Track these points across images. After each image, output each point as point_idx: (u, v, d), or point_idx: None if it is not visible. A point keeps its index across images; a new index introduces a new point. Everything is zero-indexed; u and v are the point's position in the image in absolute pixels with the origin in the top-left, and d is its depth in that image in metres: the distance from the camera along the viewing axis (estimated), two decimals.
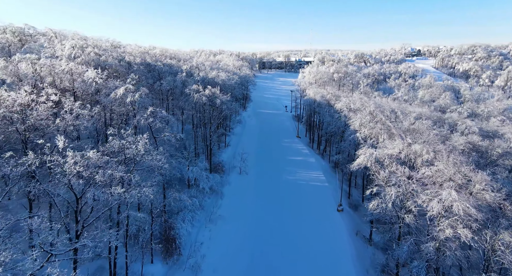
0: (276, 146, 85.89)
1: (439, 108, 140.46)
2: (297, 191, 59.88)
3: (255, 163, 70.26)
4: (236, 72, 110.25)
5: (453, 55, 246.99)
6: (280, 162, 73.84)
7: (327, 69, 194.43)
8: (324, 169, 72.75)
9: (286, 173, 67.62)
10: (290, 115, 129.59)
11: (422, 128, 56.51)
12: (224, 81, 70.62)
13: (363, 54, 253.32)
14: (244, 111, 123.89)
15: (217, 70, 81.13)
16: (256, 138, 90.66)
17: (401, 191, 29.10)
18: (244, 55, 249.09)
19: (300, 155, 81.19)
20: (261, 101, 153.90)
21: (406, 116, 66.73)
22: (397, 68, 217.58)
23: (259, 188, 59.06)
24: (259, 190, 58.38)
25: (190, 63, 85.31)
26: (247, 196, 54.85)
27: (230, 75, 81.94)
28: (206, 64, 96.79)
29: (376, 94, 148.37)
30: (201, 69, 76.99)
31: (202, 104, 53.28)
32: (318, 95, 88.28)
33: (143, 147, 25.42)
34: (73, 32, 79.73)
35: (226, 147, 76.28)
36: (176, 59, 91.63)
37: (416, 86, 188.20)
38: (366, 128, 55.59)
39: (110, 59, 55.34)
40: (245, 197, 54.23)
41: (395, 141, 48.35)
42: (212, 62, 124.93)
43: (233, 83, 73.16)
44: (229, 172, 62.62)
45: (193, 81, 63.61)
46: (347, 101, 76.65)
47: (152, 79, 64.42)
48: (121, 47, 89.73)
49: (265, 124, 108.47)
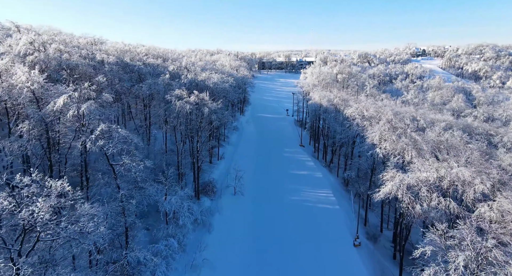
0: (277, 157, 75.60)
1: (452, 112, 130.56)
2: (303, 217, 49.63)
3: (252, 179, 60.00)
4: (232, 73, 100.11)
5: (461, 55, 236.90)
6: (281, 177, 63.60)
7: (330, 70, 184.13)
8: (333, 186, 62.48)
9: (289, 193, 57.39)
10: (292, 120, 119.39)
11: (456, 142, 46.27)
12: (216, 84, 60.51)
13: (367, 54, 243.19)
14: (242, 116, 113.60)
15: (210, 71, 70.93)
16: (255, 147, 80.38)
17: (472, 256, 19.00)
18: (242, 55, 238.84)
19: (304, 168, 70.93)
20: (261, 104, 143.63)
21: (433, 125, 56.59)
22: (403, 68, 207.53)
23: (256, 215, 48.77)
24: (257, 217, 48.08)
25: (179, 63, 75.11)
26: (242, 226, 44.52)
27: (224, 77, 71.73)
28: (199, 65, 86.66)
29: (383, 96, 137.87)
30: (190, 70, 66.76)
31: (187, 114, 43.12)
32: (324, 99, 78.08)
33: (47, 208, 14.84)
34: (47, 26, 69.71)
35: (220, 159, 65.98)
36: (163, 58, 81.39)
37: (425, 88, 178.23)
38: (388, 143, 45.33)
39: (76, 58, 45.19)
40: (240, 228, 43.90)
41: (428, 161, 38.12)
42: (207, 62, 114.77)
43: (227, 87, 63.10)
44: (222, 193, 52.34)
45: (178, 85, 53.55)
46: (359, 107, 66.40)
47: (131, 82, 54.37)
48: (103, 45, 79.59)
49: (265, 131, 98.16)
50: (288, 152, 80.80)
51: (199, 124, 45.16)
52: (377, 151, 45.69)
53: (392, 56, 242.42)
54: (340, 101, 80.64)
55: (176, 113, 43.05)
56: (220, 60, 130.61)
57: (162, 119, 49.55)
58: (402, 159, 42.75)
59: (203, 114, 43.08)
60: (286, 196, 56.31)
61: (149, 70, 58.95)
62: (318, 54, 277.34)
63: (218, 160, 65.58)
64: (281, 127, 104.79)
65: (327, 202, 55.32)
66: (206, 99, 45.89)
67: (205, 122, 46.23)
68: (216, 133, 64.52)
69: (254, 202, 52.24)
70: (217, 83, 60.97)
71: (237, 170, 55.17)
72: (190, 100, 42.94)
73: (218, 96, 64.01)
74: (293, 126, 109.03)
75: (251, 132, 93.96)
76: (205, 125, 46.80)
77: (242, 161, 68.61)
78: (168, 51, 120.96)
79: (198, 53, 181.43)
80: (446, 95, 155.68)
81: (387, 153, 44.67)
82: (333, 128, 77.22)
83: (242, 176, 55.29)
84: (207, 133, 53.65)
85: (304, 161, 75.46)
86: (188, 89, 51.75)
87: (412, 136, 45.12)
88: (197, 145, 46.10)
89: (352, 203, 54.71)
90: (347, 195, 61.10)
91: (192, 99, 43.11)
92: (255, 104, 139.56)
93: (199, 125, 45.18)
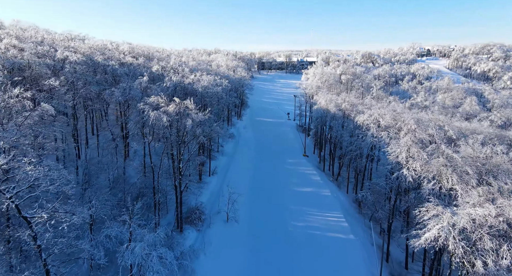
0: (278, 169, 66.31)
1: (466, 116, 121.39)
2: (311, 251, 40.42)
3: (249, 200, 50.75)
4: (227, 75, 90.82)
5: (468, 55, 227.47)
6: (283, 196, 54.39)
7: (333, 70, 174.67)
8: (344, 208, 53.23)
9: (292, 216, 48.19)
10: (294, 124, 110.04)
11: (501, 161, 36.94)
12: (207, 88, 51.06)
13: (371, 54, 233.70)
14: (239, 121, 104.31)
15: (201, 73, 61.64)
16: (253, 158, 71.06)
17: None
18: (241, 55, 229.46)
19: (309, 183, 61.63)
20: (260, 107, 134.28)
21: (465, 137, 47.29)
22: (409, 69, 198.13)
23: (254, 250, 39.48)
24: (254, 253, 38.79)
25: (166, 63, 65.82)
26: (235, 269, 35.21)
27: (218, 80, 62.30)
28: (190, 65, 77.35)
29: (391, 99, 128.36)
30: (177, 72, 57.44)
31: (164, 128, 33.87)
32: (331, 104, 68.80)
33: None
34: (15, 20, 60.53)
35: (212, 175, 56.67)
36: (148, 57, 71.96)
37: (433, 90, 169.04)
38: (418, 162, 36.07)
39: (27, 55, 35.99)
40: (232, 272, 34.61)
41: (477, 190, 28.85)
42: (200, 62, 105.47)
43: (220, 91, 53.72)
44: (212, 221, 43.04)
45: (159, 89, 44.44)
46: (374, 114, 57.16)
47: (105, 85, 45.09)
48: (82, 42, 70.28)
49: (264, 138, 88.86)
50: (290, 163, 71.53)
51: (182, 139, 35.85)
52: (404, 172, 36.39)
53: (397, 56, 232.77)
54: (349, 106, 71.37)
55: (150, 126, 33.82)
56: (216, 60, 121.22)
57: (139, 131, 40.30)
58: (438, 184, 33.47)
59: (185, 127, 33.80)
60: (289, 222, 47.10)
61: (126, 71, 49.69)
62: (319, 54, 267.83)
63: (210, 175, 56.27)
64: (282, 133, 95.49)
65: (339, 229, 46.02)
66: (191, 108, 36.61)
67: (190, 137, 36.96)
68: (207, 145, 55.20)
69: (251, 232, 42.91)
70: (208, 87, 51.61)
71: (231, 191, 45.85)
72: (169, 110, 33.72)
73: (210, 102, 54.71)
74: (295, 132, 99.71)
75: (249, 140, 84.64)
76: (190, 139, 37.51)
77: (238, 176, 59.36)
78: (156, 49, 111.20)
79: (194, 52, 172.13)
80: (457, 97, 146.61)
81: (418, 176, 35.39)
82: (341, 137, 68.03)
83: (237, 198, 46.02)
84: (196, 146, 44.53)
85: (308, 174, 66.16)
86: (172, 95, 42.51)
87: (448, 154, 35.80)
88: (179, 165, 36.78)
89: (372, 232, 45.28)
90: (361, 218, 51.85)
91: (171, 108, 33.86)
92: (254, 107, 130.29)
93: (181, 140, 35.87)
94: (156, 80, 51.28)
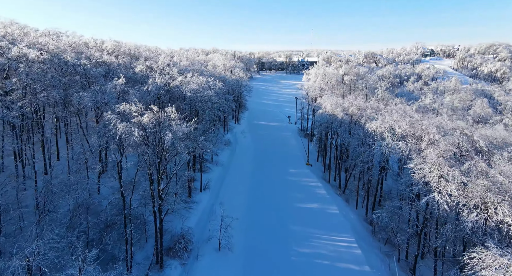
0: (278, 182, 59.35)
1: (477, 119, 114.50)
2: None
3: (246, 222, 43.78)
4: (224, 75, 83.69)
5: (474, 55, 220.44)
6: (285, 215, 47.53)
7: (335, 71, 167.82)
8: (355, 229, 46.26)
9: (296, 241, 41.30)
10: (295, 129, 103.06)
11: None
12: (197, 92, 43.83)
13: (374, 54, 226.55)
14: (237, 125, 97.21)
15: (193, 74, 54.64)
16: (251, 168, 64.04)
17: None
18: (240, 55, 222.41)
19: (314, 198, 54.66)
20: (259, 110, 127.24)
21: (497, 148, 40.51)
22: (414, 69, 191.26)
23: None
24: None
25: (155, 62, 58.80)
26: None
27: (211, 81, 55.02)
28: (182, 65, 70.33)
29: (397, 101, 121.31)
30: (164, 73, 50.41)
31: (137, 144, 26.91)
32: (338, 108, 61.81)
33: None
34: None
35: (203, 190, 49.68)
36: (133, 56, 64.65)
37: (440, 91, 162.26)
38: (453, 184, 29.08)
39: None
40: None
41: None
42: (195, 62, 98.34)
43: (212, 94, 46.41)
44: (200, 251, 36.01)
45: (139, 94, 37.51)
46: (388, 121, 50.24)
47: (73, 89, 38.06)
48: (58, 38, 63.33)
49: (264, 144, 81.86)
50: (292, 174, 64.58)
51: (161, 156, 28.84)
52: (436, 197, 29.39)
53: (400, 56, 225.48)
54: (357, 110, 64.48)
55: (117, 141, 26.80)
56: (212, 60, 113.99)
57: (115, 143, 33.27)
58: (483, 214, 26.52)
59: (163, 142, 26.84)
60: (292, 247, 40.20)
61: (102, 72, 42.58)
62: (320, 54, 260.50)
63: (202, 190, 49.27)
64: (283, 139, 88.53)
65: (351, 258, 39.02)
66: (173, 117, 29.61)
67: (171, 153, 29.94)
68: (199, 156, 48.20)
69: (248, 264, 35.93)
70: (198, 90, 44.42)
71: (225, 214, 38.89)
72: (143, 121, 26.76)
73: (202, 108, 47.65)
74: (297, 137, 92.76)
75: (247, 147, 77.59)
76: (172, 157, 30.48)
77: (233, 191, 52.38)
78: (148, 48, 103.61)
79: (190, 52, 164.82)
80: (466, 99, 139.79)
81: (455, 202, 28.44)
82: (348, 144, 61.19)
83: (232, 222, 39.04)
84: (185, 158, 37.52)
85: (313, 187, 59.20)
86: (154, 100, 35.49)
87: (492, 175, 28.84)
88: (158, 187, 29.79)
89: (395, 265, 38.19)
90: (375, 242, 44.86)
91: (146, 119, 26.89)
92: (253, 109, 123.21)
93: (160, 158, 28.87)
94: (140, 83, 44.35)
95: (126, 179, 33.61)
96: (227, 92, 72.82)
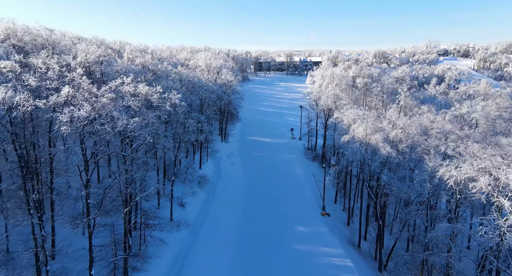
0: (279, 261, 35.36)
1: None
2: None
3: None
4: (200, 80, 59.89)
5: (497, 54, 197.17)
6: None
7: (344, 73, 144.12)
8: None
9: None
10: (301, 147, 79.22)
11: None
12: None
13: (385, 53, 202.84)
14: (224, 144, 73.05)
15: (144, 77, 30.96)
16: (235, 231, 39.92)
17: None
18: (235, 54, 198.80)
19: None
20: (254, 120, 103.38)
21: None
22: (433, 70, 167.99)
23: None
24: None
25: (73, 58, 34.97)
26: None
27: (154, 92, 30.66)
28: (126, 64, 46.55)
29: (424, 109, 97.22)
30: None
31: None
32: (377, 135, 37.97)
33: None
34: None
35: None
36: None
37: (467, 96, 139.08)
38: None
39: None
40: None
41: None
42: (164, 61, 74.37)
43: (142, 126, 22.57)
44: None
45: None
46: (488, 166, 26.63)
47: None
48: None
49: (259, 176, 57.76)
50: (301, 234, 40.77)
51: None
52: None
53: (415, 55, 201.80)
54: (404, 136, 40.77)
55: None
56: (195, 59, 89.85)
57: None
58: None
59: None
60: None
61: None
62: (322, 54, 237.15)
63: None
64: (286, 166, 64.42)
65: None
66: None
67: None
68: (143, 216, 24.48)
69: None
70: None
71: None
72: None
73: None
74: (304, 161, 69.02)
75: (235, 184, 53.25)
76: None
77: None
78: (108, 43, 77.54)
79: (174, 49, 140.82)
80: (503, 106, 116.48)
81: None
82: (398, 192, 37.51)
83: None
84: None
85: (338, 266, 35.29)
86: None
87: None
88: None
89: None
90: None
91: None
92: (247, 119, 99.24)
93: None
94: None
95: None
96: (204, 104, 49.08)
